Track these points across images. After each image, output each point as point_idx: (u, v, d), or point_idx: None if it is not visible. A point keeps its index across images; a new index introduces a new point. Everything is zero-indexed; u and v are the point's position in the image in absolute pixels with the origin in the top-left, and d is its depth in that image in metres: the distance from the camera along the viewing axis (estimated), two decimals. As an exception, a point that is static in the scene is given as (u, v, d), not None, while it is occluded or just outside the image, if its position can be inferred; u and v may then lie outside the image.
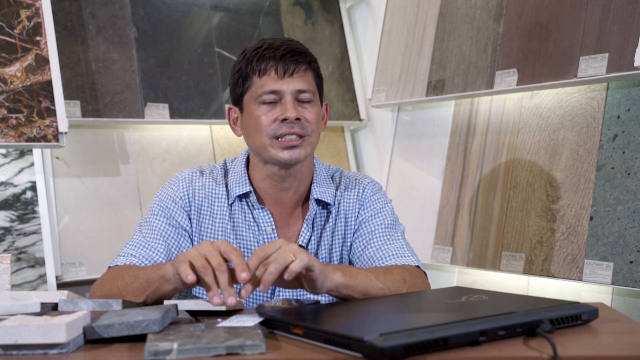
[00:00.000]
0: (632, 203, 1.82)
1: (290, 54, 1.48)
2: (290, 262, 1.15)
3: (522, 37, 2.09)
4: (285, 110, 1.46)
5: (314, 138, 1.51)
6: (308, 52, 1.53)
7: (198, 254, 1.15)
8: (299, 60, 1.49)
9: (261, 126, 1.48)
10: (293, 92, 1.48)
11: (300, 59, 1.49)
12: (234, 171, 1.58)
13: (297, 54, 1.49)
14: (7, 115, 2.06)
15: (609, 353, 1.00)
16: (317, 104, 1.52)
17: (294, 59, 1.48)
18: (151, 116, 2.41)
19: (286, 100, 1.47)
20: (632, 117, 1.87)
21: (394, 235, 1.54)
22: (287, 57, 1.48)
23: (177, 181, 1.56)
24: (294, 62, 1.48)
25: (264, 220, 1.54)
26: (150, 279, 1.28)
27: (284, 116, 1.46)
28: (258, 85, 1.49)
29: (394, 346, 0.92)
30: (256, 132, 1.50)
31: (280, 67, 1.47)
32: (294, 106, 1.47)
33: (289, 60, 1.48)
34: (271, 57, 1.48)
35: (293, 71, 1.48)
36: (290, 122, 1.46)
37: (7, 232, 2.15)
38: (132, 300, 1.32)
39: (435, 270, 2.40)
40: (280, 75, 1.47)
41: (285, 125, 1.46)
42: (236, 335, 1.00)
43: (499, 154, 2.20)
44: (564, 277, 1.93)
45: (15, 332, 0.97)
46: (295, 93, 1.48)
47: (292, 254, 1.17)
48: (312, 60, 1.53)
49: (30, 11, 2.16)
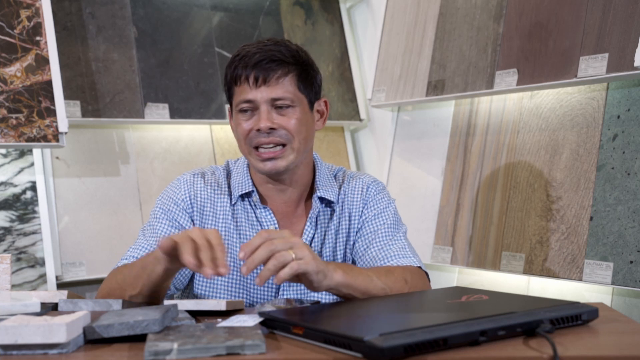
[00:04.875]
0: (632, 203, 1.82)
1: (264, 61, 1.46)
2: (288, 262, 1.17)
3: (522, 37, 2.09)
4: (259, 120, 1.47)
5: (297, 144, 1.49)
6: (288, 56, 1.49)
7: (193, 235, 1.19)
8: (273, 68, 1.47)
9: (241, 135, 1.50)
10: (267, 100, 1.47)
11: (274, 65, 1.47)
12: (237, 172, 1.59)
13: (271, 61, 1.47)
14: (7, 115, 2.06)
15: (609, 353, 1.00)
16: (299, 108, 1.50)
17: (267, 66, 1.46)
18: (151, 116, 2.41)
19: (261, 110, 1.47)
20: (632, 117, 1.87)
21: (396, 236, 1.55)
22: (260, 65, 1.46)
23: (179, 184, 1.57)
24: (267, 70, 1.46)
25: (267, 220, 1.54)
26: (144, 264, 1.31)
27: (257, 127, 1.47)
28: (237, 94, 1.50)
29: (394, 346, 0.92)
30: (239, 141, 1.52)
31: (252, 76, 1.47)
32: (268, 116, 1.47)
33: (262, 68, 1.46)
34: (245, 66, 1.47)
35: (266, 79, 1.46)
36: (265, 132, 1.46)
37: (7, 232, 2.15)
38: (131, 292, 1.33)
39: (435, 270, 2.40)
40: (253, 85, 1.47)
41: (261, 135, 1.47)
42: (236, 335, 1.00)
43: (499, 154, 2.20)
44: (564, 277, 1.93)
45: (15, 332, 0.97)
46: (270, 102, 1.47)
47: (293, 252, 1.18)
48: (292, 64, 1.49)
49: (30, 11, 2.16)
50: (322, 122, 1.59)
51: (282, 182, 1.54)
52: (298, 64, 1.51)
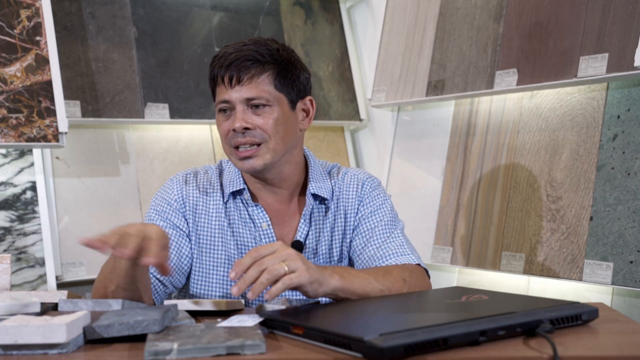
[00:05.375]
0: (632, 203, 1.82)
1: (238, 61, 1.46)
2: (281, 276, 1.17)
3: (522, 37, 2.09)
4: (235, 120, 1.47)
5: (274, 144, 1.48)
6: (264, 54, 1.48)
7: None
8: (247, 66, 1.46)
9: (221, 135, 1.52)
10: (242, 100, 1.47)
11: (248, 64, 1.46)
12: (229, 170, 1.60)
13: (246, 60, 1.46)
14: (7, 115, 2.06)
15: (609, 353, 1.00)
16: (277, 107, 1.49)
17: (241, 65, 1.46)
18: (151, 116, 2.41)
19: (237, 110, 1.48)
20: (632, 117, 1.87)
21: (394, 233, 1.55)
22: (234, 65, 1.47)
23: (171, 184, 1.58)
24: (241, 70, 1.46)
25: (259, 217, 1.54)
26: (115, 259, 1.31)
27: (232, 127, 1.47)
28: (217, 94, 1.52)
29: (394, 346, 0.92)
30: (221, 139, 1.53)
31: (226, 77, 1.48)
32: (242, 116, 1.47)
33: (235, 68, 1.47)
34: (221, 66, 1.48)
35: (240, 79, 1.47)
36: (240, 132, 1.47)
37: (7, 232, 2.15)
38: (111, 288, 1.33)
39: (435, 270, 2.40)
40: (228, 85, 1.48)
41: (237, 136, 1.48)
42: (236, 335, 1.00)
43: (499, 154, 2.20)
44: (564, 277, 1.93)
45: (15, 332, 0.97)
46: (245, 101, 1.48)
47: (285, 265, 1.18)
48: (268, 62, 1.48)
49: (30, 11, 2.16)
50: (307, 122, 1.57)
51: (269, 181, 1.54)
52: (276, 62, 1.49)
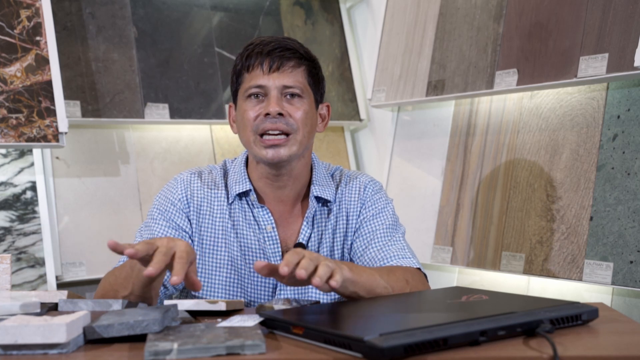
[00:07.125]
0: (632, 203, 1.82)
1: (278, 49, 1.49)
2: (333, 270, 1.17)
3: (522, 37, 2.09)
4: (269, 104, 1.47)
5: (301, 136, 1.50)
6: (301, 50, 1.52)
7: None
8: (287, 56, 1.49)
9: (247, 121, 1.50)
10: (279, 87, 1.48)
11: (288, 54, 1.49)
12: (234, 171, 1.58)
13: (286, 49, 1.49)
14: (7, 115, 2.06)
15: (609, 353, 1.00)
16: (307, 101, 1.52)
17: (281, 54, 1.49)
18: (151, 116, 2.41)
19: (271, 95, 1.48)
20: (632, 117, 1.87)
21: (395, 236, 1.55)
22: (274, 53, 1.49)
23: (175, 184, 1.57)
24: (281, 58, 1.49)
25: (264, 219, 1.54)
26: (133, 264, 1.30)
27: (267, 111, 1.47)
28: (247, 80, 1.51)
29: (394, 346, 0.92)
30: (243, 128, 1.51)
31: (266, 63, 1.49)
32: (278, 101, 1.48)
33: (276, 55, 1.49)
34: (259, 53, 1.49)
35: (279, 66, 1.49)
36: (273, 117, 1.47)
37: (7, 232, 2.15)
38: (123, 293, 1.33)
39: (435, 270, 2.40)
40: (266, 71, 1.49)
41: (268, 120, 1.47)
42: (236, 335, 1.00)
43: (499, 154, 2.20)
44: (564, 277, 1.93)
45: (15, 332, 0.97)
46: (281, 88, 1.49)
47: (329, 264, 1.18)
48: (304, 58, 1.52)
49: (30, 11, 2.16)
50: (323, 126, 1.61)
51: (281, 178, 1.53)
52: (310, 60, 1.54)
